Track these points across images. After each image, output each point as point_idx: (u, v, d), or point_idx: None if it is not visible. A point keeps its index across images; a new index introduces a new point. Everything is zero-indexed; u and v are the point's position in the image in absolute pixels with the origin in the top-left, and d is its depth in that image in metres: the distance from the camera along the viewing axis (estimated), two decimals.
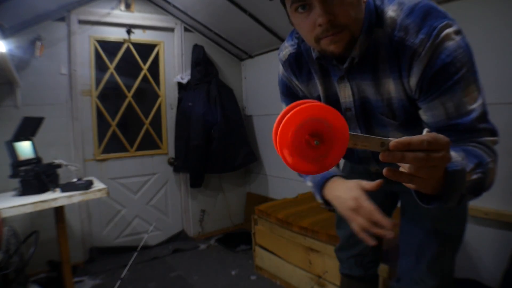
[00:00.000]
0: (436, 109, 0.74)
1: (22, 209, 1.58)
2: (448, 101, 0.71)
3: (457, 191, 0.63)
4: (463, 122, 0.72)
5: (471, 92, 0.70)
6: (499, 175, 1.75)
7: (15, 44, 2.35)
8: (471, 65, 0.71)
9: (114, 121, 2.92)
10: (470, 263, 1.85)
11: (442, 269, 0.99)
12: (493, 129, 0.75)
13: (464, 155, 0.67)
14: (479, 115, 0.72)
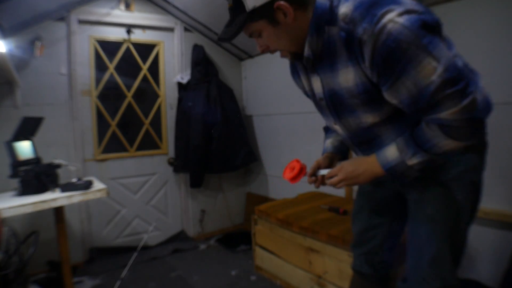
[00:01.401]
0: (399, 91, 0.80)
1: (22, 209, 1.57)
2: (406, 81, 0.77)
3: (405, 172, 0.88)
4: (424, 97, 0.76)
5: (426, 66, 0.74)
6: (499, 175, 1.75)
7: (15, 44, 2.35)
8: (420, 40, 0.74)
9: (114, 121, 2.91)
10: (470, 263, 1.85)
11: (443, 269, 1.00)
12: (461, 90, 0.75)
13: (404, 146, 0.87)
14: (440, 84, 0.74)
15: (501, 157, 1.73)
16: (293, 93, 2.85)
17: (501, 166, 1.74)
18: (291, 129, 2.94)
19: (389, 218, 1.21)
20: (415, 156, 0.86)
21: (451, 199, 0.99)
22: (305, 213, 2.15)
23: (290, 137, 2.97)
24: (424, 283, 1.01)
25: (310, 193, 2.66)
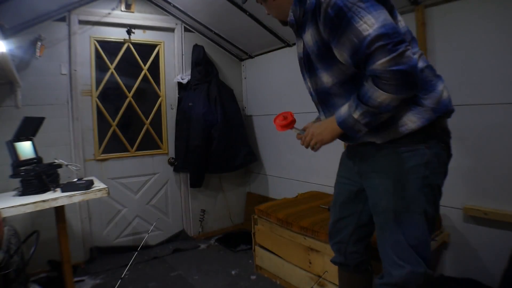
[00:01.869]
0: (345, 45, 0.96)
1: (23, 209, 1.58)
2: (350, 35, 0.92)
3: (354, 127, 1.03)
4: (362, 48, 0.91)
5: (366, 21, 0.89)
6: (499, 175, 1.76)
7: (15, 44, 2.36)
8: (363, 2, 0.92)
9: (114, 121, 2.92)
10: (470, 263, 1.85)
11: (403, 257, 1.08)
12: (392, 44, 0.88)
13: (351, 101, 1.02)
14: (375, 36, 0.88)
15: (501, 157, 1.73)
16: (293, 93, 2.86)
17: (501, 166, 1.74)
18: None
19: (357, 210, 1.29)
20: (357, 108, 1.00)
21: (402, 192, 1.07)
22: (305, 213, 2.15)
23: (290, 137, 2.98)
24: (388, 276, 1.11)
25: (310, 193, 2.66)
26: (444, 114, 1.07)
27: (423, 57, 1.10)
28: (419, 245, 1.07)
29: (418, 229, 1.07)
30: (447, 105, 1.08)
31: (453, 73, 1.90)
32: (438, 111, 1.05)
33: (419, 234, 1.07)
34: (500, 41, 1.70)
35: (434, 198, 1.09)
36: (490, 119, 1.76)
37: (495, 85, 1.73)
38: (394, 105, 0.95)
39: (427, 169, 1.06)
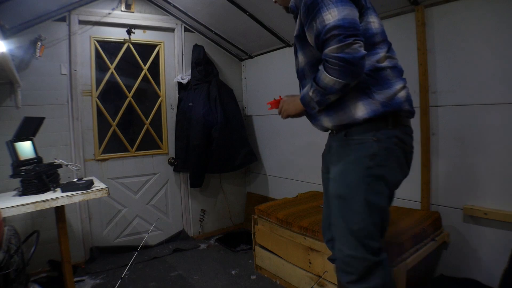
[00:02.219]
0: (313, 28, 1.10)
1: (23, 209, 1.58)
2: (317, 20, 1.06)
3: (309, 103, 1.19)
4: (321, 34, 1.04)
5: (330, 13, 1.03)
6: (499, 175, 1.76)
7: (16, 44, 2.36)
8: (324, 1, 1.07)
9: (114, 121, 2.92)
10: (470, 263, 1.85)
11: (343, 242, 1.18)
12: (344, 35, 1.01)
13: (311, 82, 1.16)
14: (332, 25, 1.02)
15: (501, 157, 1.73)
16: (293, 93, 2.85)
17: (500, 166, 1.74)
18: (291, 129, 2.94)
19: None
20: (312, 87, 1.15)
21: (346, 179, 1.18)
22: (305, 212, 2.15)
23: (290, 137, 2.98)
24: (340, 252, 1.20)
25: (310, 192, 2.66)
26: (395, 110, 1.16)
27: (391, 60, 1.22)
28: (359, 231, 1.13)
29: (358, 216, 1.14)
30: (400, 104, 1.17)
31: (453, 73, 1.90)
32: (387, 106, 1.15)
33: (359, 220, 1.14)
34: (500, 41, 1.71)
35: (379, 188, 1.14)
36: (490, 119, 1.76)
37: (495, 85, 1.73)
38: (338, 88, 1.08)
39: (371, 160, 1.13)
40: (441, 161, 1.98)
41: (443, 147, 1.97)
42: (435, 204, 2.01)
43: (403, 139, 1.18)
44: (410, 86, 2.05)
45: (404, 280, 1.57)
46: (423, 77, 2.00)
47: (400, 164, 1.17)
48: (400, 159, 1.17)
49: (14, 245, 1.40)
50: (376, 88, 1.16)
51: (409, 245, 1.67)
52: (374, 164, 1.13)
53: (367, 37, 1.14)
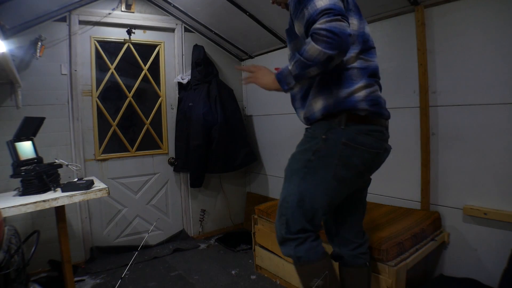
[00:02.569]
0: (304, 17, 1.14)
1: (23, 209, 1.58)
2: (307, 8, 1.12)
3: (286, 78, 1.20)
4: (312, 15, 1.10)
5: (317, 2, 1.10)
6: (499, 175, 1.75)
7: (16, 44, 2.36)
8: None
9: (114, 121, 2.92)
10: (470, 263, 1.85)
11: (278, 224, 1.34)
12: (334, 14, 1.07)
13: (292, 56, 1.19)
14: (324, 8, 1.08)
15: (501, 157, 1.73)
16: None
17: (501, 166, 1.74)
18: (291, 129, 2.94)
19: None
20: (293, 59, 1.16)
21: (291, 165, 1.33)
22: None
23: (290, 137, 2.98)
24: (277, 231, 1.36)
25: None
26: (348, 109, 1.22)
27: (364, 62, 1.26)
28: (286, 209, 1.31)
29: (288, 195, 1.31)
30: (355, 102, 1.21)
31: (453, 73, 1.90)
32: (340, 103, 1.22)
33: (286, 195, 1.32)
34: (500, 41, 1.71)
35: (312, 181, 1.26)
36: (490, 119, 1.76)
37: (495, 85, 1.73)
38: (321, 60, 1.09)
39: (313, 155, 1.26)
40: (441, 161, 1.98)
41: (443, 147, 1.97)
42: (435, 204, 2.01)
43: (357, 140, 1.22)
44: (410, 86, 2.08)
45: (404, 280, 1.57)
46: (423, 77, 2.00)
47: (346, 163, 1.23)
48: (349, 159, 1.23)
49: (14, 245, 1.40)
50: (336, 86, 1.23)
51: (409, 245, 1.68)
52: (315, 158, 1.25)
53: None
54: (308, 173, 1.26)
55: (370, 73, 1.26)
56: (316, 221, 1.29)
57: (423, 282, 1.93)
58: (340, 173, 1.24)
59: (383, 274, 1.55)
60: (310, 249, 1.29)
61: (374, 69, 1.29)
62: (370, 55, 1.29)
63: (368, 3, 2.13)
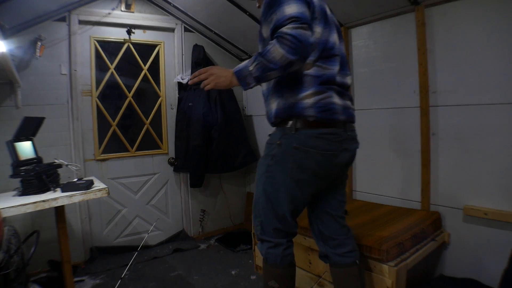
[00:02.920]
0: (272, 21, 1.20)
1: (23, 209, 1.58)
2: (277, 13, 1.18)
3: (246, 78, 1.21)
4: (280, 20, 1.16)
5: (289, 7, 1.16)
6: (499, 175, 1.75)
7: (15, 44, 2.36)
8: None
9: (114, 121, 2.92)
10: (470, 263, 1.85)
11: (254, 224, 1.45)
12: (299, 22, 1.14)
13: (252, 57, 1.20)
14: (291, 15, 1.14)
15: (501, 158, 1.73)
16: None
17: (500, 166, 1.74)
18: None
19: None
20: (254, 61, 1.18)
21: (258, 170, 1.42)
22: (305, 213, 2.14)
23: None
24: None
25: None
26: (296, 115, 1.28)
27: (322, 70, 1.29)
28: (257, 210, 1.42)
29: (258, 198, 1.41)
30: (302, 109, 1.27)
31: (453, 73, 1.90)
32: (288, 110, 1.29)
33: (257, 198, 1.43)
34: (500, 41, 1.70)
35: (274, 183, 1.34)
36: (490, 119, 1.76)
37: (495, 85, 1.73)
38: (282, 65, 1.14)
39: (271, 160, 1.35)
40: (441, 161, 1.98)
41: (443, 147, 1.97)
42: (435, 204, 2.01)
43: (308, 144, 1.28)
44: (411, 86, 2.08)
45: (404, 280, 1.57)
46: (423, 77, 2.00)
47: (300, 166, 1.30)
48: (301, 162, 1.29)
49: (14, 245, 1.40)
50: (288, 90, 1.30)
51: (409, 245, 1.67)
52: (273, 163, 1.34)
53: None
54: (269, 177, 1.36)
55: (323, 80, 1.29)
56: (287, 222, 1.37)
57: (423, 282, 1.92)
58: (296, 176, 1.31)
59: (383, 274, 1.55)
60: (278, 255, 1.38)
61: (330, 77, 1.31)
62: (330, 62, 1.32)
63: (368, 3, 2.13)
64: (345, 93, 1.38)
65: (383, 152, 2.29)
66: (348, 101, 1.39)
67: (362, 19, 2.30)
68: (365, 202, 2.33)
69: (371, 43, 2.32)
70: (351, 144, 1.39)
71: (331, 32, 1.34)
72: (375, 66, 2.30)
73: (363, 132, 2.41)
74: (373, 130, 2.34)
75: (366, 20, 2.29)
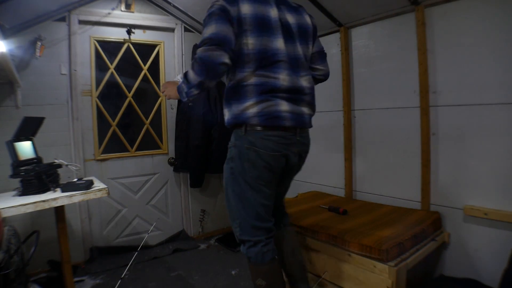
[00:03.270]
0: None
1: (23, 209, 1.58)
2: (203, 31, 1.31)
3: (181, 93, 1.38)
4: (200, 42, 1.29)
5: (208, 28, 1.28)
6: (498, 175, 1.75)
7: (15, 44, 2.36)
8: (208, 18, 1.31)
9: (114, 121, 2.92)
10: (470, 263, 1.85)
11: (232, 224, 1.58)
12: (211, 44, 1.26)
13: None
14: (206, 37, 1.27)
15: (501, 157, 1.73)
16: None
17: (500, 166, 1.74)
18: None
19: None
20: (182, 79, 1.35)
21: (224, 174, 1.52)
22: (305, 213, 2.15)
23: None
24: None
25: (310, 193, 2.66)
26: (244, 123, 1.39)
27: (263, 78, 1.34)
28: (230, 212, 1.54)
29: (229, 198, 1.51)
30: (247, 118, 1.37)
31: (453, 73, 1.90)
32: (236, 118, 1.41)
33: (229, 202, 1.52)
34: (500, 41, 1.71)
35: (239, 183, 1.44)
36: (490, 119, 1.76)
37: (495, 85, 1.73)
38: (195, 84, 1.29)
39: (232, 162, 1.46)
40: (441, 161, 1.98)
41: (443, 147, 1.97)
42: (435, 204, 2.01)
43: (257, 144, 1.38)
44: (411, 86, 2.08)
45: (404, 280, 1.57)
46: (423, 77, 2.00)
47: (254, 163, 1.40)
48: (254, 160, 1.39)
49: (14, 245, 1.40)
50: (234, 101, 1.40)
51: (409, 245, 1.67)
52: (234, 165, 1.45)
53: (239, 56, 1.33)
54: (234, 179, 1.45)
55: (265, 89, 1.34)
56: (262, 217, 1.47)
57: (424, 282, 1.93)
58: (253, 173, 1.41)
59: (383, 274, 1.55)
60: (258, 253, 1.46)
61: (273, 85, 1.35)
62: (273, 70, 1.35)
63: (368, 3, 2.14)
64: (299, 98, 1.41)
65: (383, 152, 2.29)
66: (304, 107, 1.44)
67: (362, 19, 2.30)
68: (365, 202, 2.33)
69: (371, 43, 2.32)
70: (301, 147, 1.47)
71: (273, 38, 1.36)
72: (375, 66, 2.30)
73: (363, 132, 2.42)
74: (373, 130, 2.34)
75: (366, 20, 2.29)
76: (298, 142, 1.44)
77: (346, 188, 2.51)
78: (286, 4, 1.47)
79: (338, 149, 2.54)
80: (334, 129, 2.56)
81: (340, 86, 2.49)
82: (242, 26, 1.31)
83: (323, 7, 2.27)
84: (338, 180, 2.57)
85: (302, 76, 1.43)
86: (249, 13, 1.32)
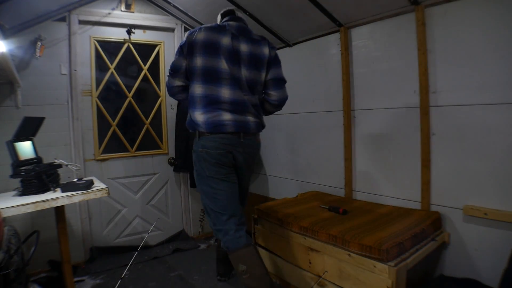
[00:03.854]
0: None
1: (23, 209, 1.58)
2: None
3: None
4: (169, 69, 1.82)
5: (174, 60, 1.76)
6: (498, 175, 1.75)
7: (15, 44, 2.36)
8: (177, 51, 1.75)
9: (114, 121, 2.92)
10: (470, 263, 1.85)
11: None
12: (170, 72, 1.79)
13: None
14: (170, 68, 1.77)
15: (501, 157, 1.73)
16: (293, 93, 2.85)
17: (500, 166, 1.74)
18: (291, 129, 2.94)
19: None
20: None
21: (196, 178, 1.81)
22: (305, 213, 2.15)
23: (290, 137, 2.98)
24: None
25: (310, 193, 2.66)
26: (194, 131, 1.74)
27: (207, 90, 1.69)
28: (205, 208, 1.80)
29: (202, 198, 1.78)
30: (197, 125, 1.70)
31: (453, 73, 1.90)
32: (190, 123, 1.76)
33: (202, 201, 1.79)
34: (500, 41, 1.70)
35: (204, 181, 1.73)
36: (490, 119, 1.76)
37: (495, 85, 1.73)
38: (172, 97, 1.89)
39: (195, 165, 1.78)
40: (441, 161, 1.98)
41: (443, 147, 1.97)
42: (435, 204, 2.01)
43: (206, 145, 1.69)
44: (410, 86, 2.08)
45: (404, 280, 1.57)
46: (423, 77, 2.00)
47: (208, 162, 1.70)
48: (207, 159, 1.70)
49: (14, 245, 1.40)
50: (191, 108, 1.74)
51: (409, 245, 1.67)
52: (197, 167, 1.76)
53: (192, 72, 1.71)
54: (200, 179, 1.76)
55: (210, 100, 1.68)
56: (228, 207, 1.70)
57: (423, 282, 1.93)
58: (210, 169, 1.69)
59: (383, 274, 1.55)
60: (233, 239, 1.65)
61: (217, 97, 1.68)
62: (217, 85, 1.68)
63: (368, 3, 2.13)
64: (243, 109, 1.72)
65: (383, 152, 2.29)
66: (249, 116, 1.74)
67: (362, 19, 2.29)
68: (365, 202, 2.33)
69: (371, 43, 2.32)
70: (246, 148, 1.76)
71: (218, 59, 1.68)
72: (375, 66, 2.30)
73: (363, 132, 2.42)
74: (373, 130, 2.34)
75: (366, 20, 2.29)
76: (242, 144, 1.73)
77: (346, 188, 2.51)
78: (247, 36, 1.76)
79: (338, 149, 2.54)
80: (334, 129, 2.56)
81: (340, 86, 2.48)
82: (194, 48, 1.66)
83: (323, 7, 2.27)
84: (338, 180, 2.57)
85: (247, 95, 1.72)
86: (201, 39, 1.66)
